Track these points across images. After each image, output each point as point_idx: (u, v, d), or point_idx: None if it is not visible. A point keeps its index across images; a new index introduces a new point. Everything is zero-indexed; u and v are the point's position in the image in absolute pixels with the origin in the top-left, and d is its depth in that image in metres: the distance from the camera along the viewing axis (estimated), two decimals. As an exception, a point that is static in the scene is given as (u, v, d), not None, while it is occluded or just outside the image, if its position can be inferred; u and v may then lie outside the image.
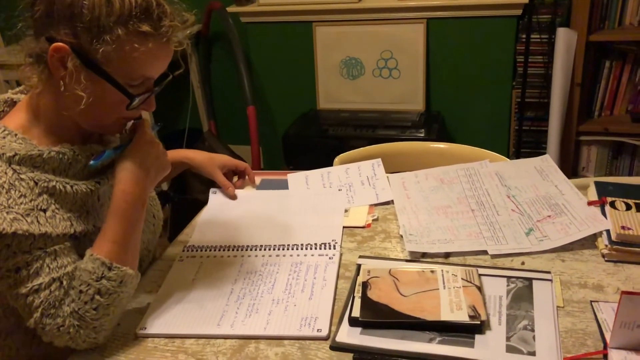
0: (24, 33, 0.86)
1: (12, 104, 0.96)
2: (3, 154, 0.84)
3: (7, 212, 0.81)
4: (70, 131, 0.92)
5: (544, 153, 2.48)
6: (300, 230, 1.16)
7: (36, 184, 0.85)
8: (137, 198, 0.92)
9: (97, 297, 0.85)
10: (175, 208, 2.51)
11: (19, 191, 0.83)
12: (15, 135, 0.87)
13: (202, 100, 3.18)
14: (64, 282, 0.85)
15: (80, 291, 0.85)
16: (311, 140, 2.63)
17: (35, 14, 0.83)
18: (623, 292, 0.76)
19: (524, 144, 2.58)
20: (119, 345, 0.90)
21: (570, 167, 2.53)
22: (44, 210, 0.85)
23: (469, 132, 2.73)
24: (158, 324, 0.93)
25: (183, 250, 1.13)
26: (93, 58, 0.82)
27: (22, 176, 0.84)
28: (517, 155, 2.59)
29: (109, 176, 0.96)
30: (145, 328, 0.92)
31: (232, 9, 2.74)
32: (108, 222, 0.90)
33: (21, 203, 0.83)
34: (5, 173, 0.83)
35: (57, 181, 0.87)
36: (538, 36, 2.38)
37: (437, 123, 2.59)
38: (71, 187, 0.89)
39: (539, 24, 2.37)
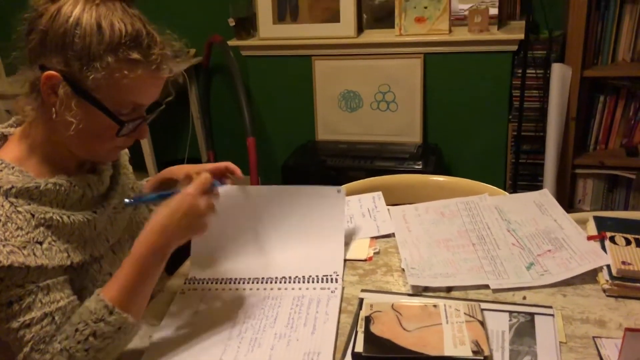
0: (20, 62, 0.87)
1: (3, 137, 0.96)
2: (0, 187, 0.84)
3: (4, 245, 0.81)
4: (65, 161, 0.92)
5: (541, 186, 2.51)
6: (301, 262, 1.16)
7: (33, 216, 0.85)
8: (159, 249, 0.89)
9: (91, 338, 0.83)
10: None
11: (16, 224, 0.84)
12: (12, 167, 0.88)
13: (201, 131, 3.20)
14: (56, 317, 0.84)
15: (77, 329, 0.83)
16: (310, 170, 2.65)
17: (30, 44, 0.85)
18: (627, 329, 0.77)
19: (520, 176, 2.60)
20: (121, 380, 0.89)
21: (567, 199, 2.55)
22: (40, 243, 0.85)
23: (466, 164, 2.76)
24: (160, 358, 0.92)
25: (185, 283, 1.13)
26: (83, 85, 0.83)
27: (19, 209, 0.85)
28: (514, 187, 2.61)
29: (105, 205, 0.96)
30: (147, 362, 0.92)
31: (232, 42, 2.79)
32: (124, 265, 0.88)
33: (18, 236, 0.83)
34: (2, 206, 0.83)
35: (54, 213, 0.87)
36: (533, 71, 2.43)
37: (435, 155, 2.62)
38: (68, 217, 0.89)
39: (534, 60, 2.42)
